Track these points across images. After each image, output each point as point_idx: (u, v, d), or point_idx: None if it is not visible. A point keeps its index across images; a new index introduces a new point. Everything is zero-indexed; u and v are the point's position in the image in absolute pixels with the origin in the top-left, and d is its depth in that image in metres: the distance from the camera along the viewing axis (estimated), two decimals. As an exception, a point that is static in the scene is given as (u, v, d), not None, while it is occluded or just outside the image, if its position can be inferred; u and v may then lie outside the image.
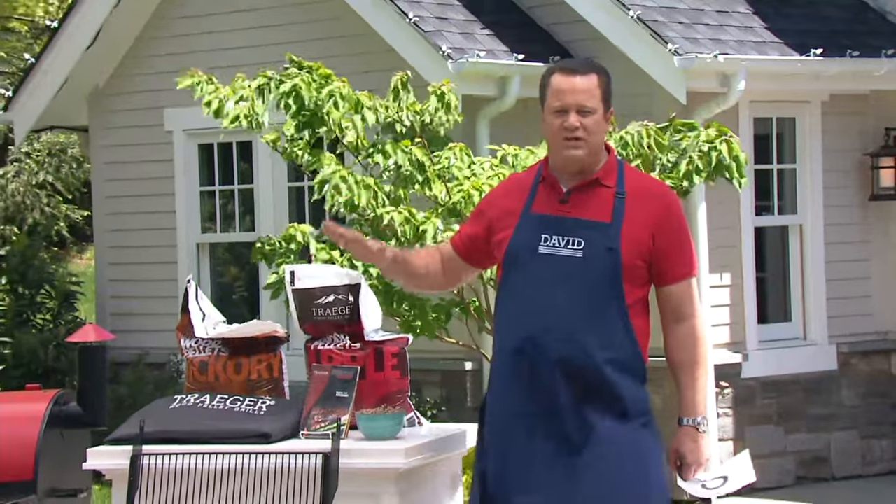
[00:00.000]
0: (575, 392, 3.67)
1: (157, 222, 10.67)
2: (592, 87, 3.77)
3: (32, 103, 11.05)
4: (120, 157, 10.95)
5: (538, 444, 3.69)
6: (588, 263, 3.70)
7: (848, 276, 9.82)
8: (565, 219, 3.75)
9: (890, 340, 9.94)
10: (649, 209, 3.76)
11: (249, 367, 4.22)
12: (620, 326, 3.70)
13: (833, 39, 9.52)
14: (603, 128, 3.80)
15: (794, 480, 9.44)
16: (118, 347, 9.83)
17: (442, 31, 9.03)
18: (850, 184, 9.88)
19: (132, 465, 3.95)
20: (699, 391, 3.77)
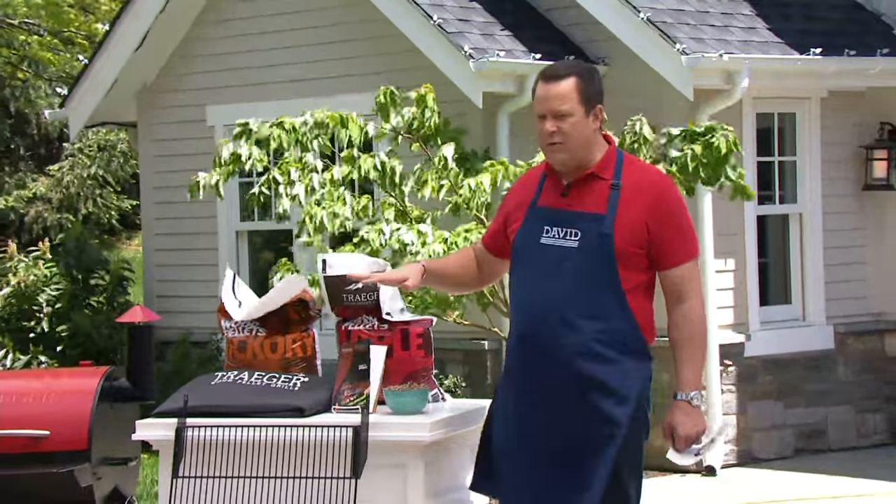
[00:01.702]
0: (572, 373, 3.66)
1: (199, 211, 10.68)
2: (567, 92, 3.72)
3: (86, 101, 11.10)
4: (166, 151, 10.98)
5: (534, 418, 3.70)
6: (583, 252, 3.68)
7: (844, 262, 9.80)
8: (565, 211, 3.73)
9: (883, 321, 9.91)
10: (644, 199, 3.72)
11: (285, 347, 4.22)
12: (617, 309, 3.68)
13: (831, 39, 9.49)
14: (585, 127, 3.74)
15: (793, 452, 9.42)
16: (164, 327, 9.86)
17: (464, 33, 9.01)
18: (846, 175, 9.85)
19: (177, 437, 3.96)
20: (694, 368, 3.73)
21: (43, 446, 4.36)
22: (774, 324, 9.51)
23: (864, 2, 10.17)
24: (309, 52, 9.77)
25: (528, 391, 3.71)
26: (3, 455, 4.35)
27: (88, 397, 4.45)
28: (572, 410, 3.67)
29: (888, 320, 9.90)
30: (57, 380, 5.06)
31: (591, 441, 3.66)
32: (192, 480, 3.93)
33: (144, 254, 11.48)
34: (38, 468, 4.31)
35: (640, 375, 3.72)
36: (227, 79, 10.36)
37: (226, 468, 3.92)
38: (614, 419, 3.65)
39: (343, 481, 3.83)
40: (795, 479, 8.68)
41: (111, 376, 4.64)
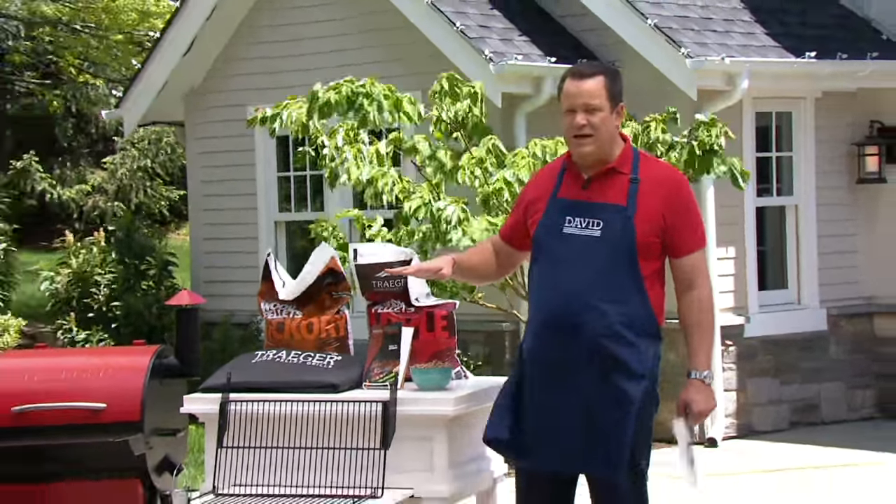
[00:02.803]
0: (596, 354, 3.66)
1: (241, 203, 10.73)
2: (598, 88, 3.72)
3: (139, 103, 11.15)
4: (211, 148, 11.01)
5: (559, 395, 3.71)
6: (605, 241, 3.68)
7: (837, 250, 9.78)
8: (586, 203, 3.72)
9: (873, 305, 9.88)
10: (661, 192, 3.72)
11: (320, 328, 4.22)
12: (636, 295, 3.68)
13: (824, 44, 9.45)
14: (611, 123, 3.75)
15: (788, 425, 9.41)
16: (209, 310, 9.90)
17: (485, 38, 9.00)
18: (839, 169, 9.81)
19: (221, 410, 3.98)
20: (706, 350, 3.75)
21: (100, 418, 4.37)
22: (772, 307, 9.48)
23: (856, 8, 10.12)
24: (342, 56, 9.76)
25: (554, 371, 3.70)
26: (65, 425, 4.37)
27: (141, 373, 4.46)
28: (596, 387, 3.67)
29: (877, 304, 9.86)
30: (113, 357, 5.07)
31: (612, 415, 3.66)
32: (234, 450, 3.94)
33: (192, 242, 11.52)
34: (96, 437, 4.33)
35: (653, 355, 3.73)
36: (266, 81, 10.37)
37: (265, 439, 3.94)
38: (632, 396, 3.66)
39: (373, 452, 3.83)
40: (791, 449, 8.67)
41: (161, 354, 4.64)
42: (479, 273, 4.05)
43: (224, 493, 3.91)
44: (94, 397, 4.41)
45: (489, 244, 4.04)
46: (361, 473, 3.82)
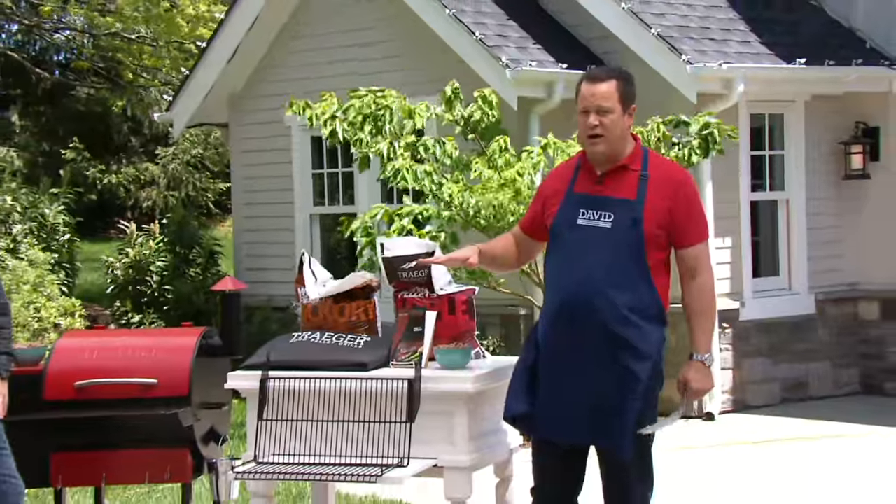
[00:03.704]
0: (606, 336, 3.65)
1: (279, 197, 10.75)
2: (610, 92, 3.69)
3: (187, 106, 11.18)
4: (252, 147, 11.03)
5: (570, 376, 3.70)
6: (616, 232, 3.65)
7: (824, 240, 9.72)
8: (599, 197, 3.70)
9: (857, 290, 9.82)
10: (667, 188, 3.69)
11: (351, 311, 4.21)
12: (642, 282, 3.66)
13: (814, 52, 9.39)
14: (622, 123, 3.71)
15: (779, 401, 9.36)
16: (250, 294, 9.93)
17: (501, 46, 8.97)
18: (827, 167, 9.75)
19: (261, 386, 3.97)
20: (707, 334, 3.74)
21: (153, 392, 4.38)
22: (765, 293, 9.44)
23: (842, 19, 10.05)
24: (370, 64, 9.76)
25: (566, 353, 3.69)
26: (121, 399, 4.38)
27: (189, 352, 4.47)
28: (605, 368, 3.65)
29: (861, 289, 9.80)
30: (164, 337, 5.09)
31: (619, 393, 3.64)
32: (273, 422, 3.94)
33: (235, 233, 11.55)
34: (149, 410, 4.34)
35: (658, 338, 3.71)
36: (301, 86, 10.37)
37: (302, 413, 3.93)
38: (638, 375, 3.64)
39: (399, 425, 3.82)
40: (782, 422, 8.64)
41: (207, 335, 4.65)
42: (502, 261, 4.03)
43: (264, 462, 3.92)
44: (147, 374, 4.43)
45: (510, 235, 4.03)
46: (389, 445, 3.81)
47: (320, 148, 10.59)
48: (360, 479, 3.76)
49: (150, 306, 11.07)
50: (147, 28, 15.64)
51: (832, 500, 6.29)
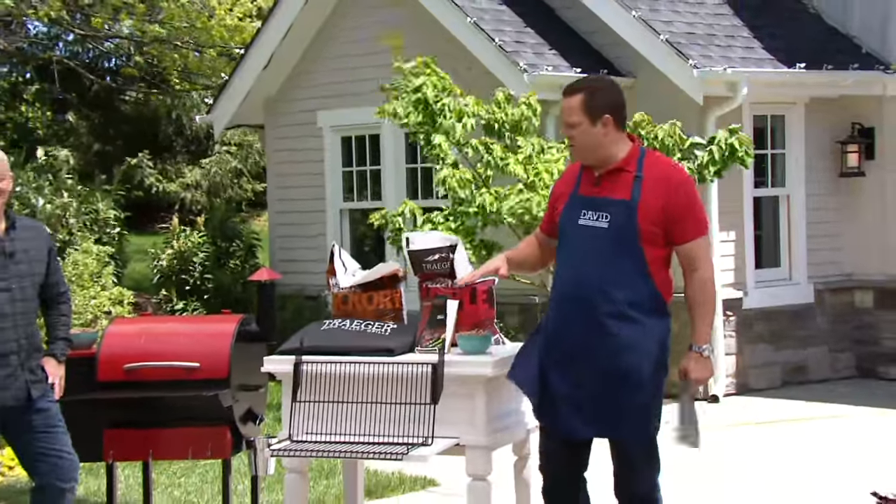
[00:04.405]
0: (607, 332, 3.60)
1: (311, 193, 10.76)
2: (574, 106, 3.66)
3: (226, 109, 11.20)
4: (286, 147, 11.04)
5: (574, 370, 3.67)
6: (612, 232, 3.60)
7: (823, 233, 9.67)
8: (597, 198, 3.66)
9: (853, 281, 9.75)
10: (662, 188, 3.62)
11: (378, 300, 4.20)
12: (640, 279, 3.60)
13: (813, 57, 9.32)
14: (592, 134, 3.65)
15: (780, 384, 9.31)
16: (284, 284, 9.95)
17: (520, 52, 8.94)
18: (825, 164, 9.69)
19: (295, 370, 3.97)
20: (706, 325, 3.67)
21: (195, 375, 4.39)
22: (766, 282, 9.39)
23: (840, 26, 9.98)
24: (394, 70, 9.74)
25: (570, 346, 3.65)
26: (166, 381, 4.40)
27: (228, 338, 4.48)
28: (609, 361, 3.60)
29: (857, 280, 9.74)
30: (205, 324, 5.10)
31: (624, 388, 3.60)
32: (306, 404, 3.94)
33: (270, 227, 11.57)
34: (191, 392, 4.35)
35: (660, 331, 3.66)
36: (332, 90, 10.39)
37: (333, 395, 3.92)
38: (640, 369, 3.59)
39: (424, 406, 3.81)
40: (782, 404, 8.59)
41: (245, 322, 4.65)
42: (529, 264, 4.00)
43: (298, 440, 3.91)
44: (190, 358, 4.44)
45: (534, 239, 4.00)
46: (414, 425, 3.80)
47: (349, 147, 10.60)
48: (388, 457, 3.76)
49: (192, 295, 11.12)
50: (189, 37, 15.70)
51: (831, 474, 6.26)
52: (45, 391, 4.08)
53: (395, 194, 9.94)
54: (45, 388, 4.08)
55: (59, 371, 4.15)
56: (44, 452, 4.05)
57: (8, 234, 4.02)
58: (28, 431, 4.05)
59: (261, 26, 11.29)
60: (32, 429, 4.05)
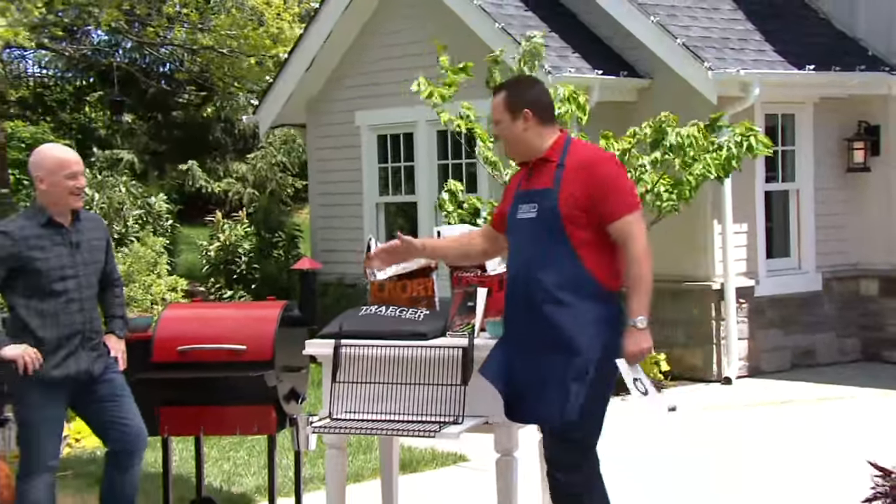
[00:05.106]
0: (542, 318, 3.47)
1: (349, 188, 10.78)
2: (496, 105, 3.59)
3: (271, 110, 11.24)
4: (326, 145, 11.06)
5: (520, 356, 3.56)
6: (539, 220, 3.50)
7: (830, 225, 9.55)
8: (529, 191, 3.57)
9: (859, 270, 9.64)
10: (582, 172, 3.48)
11: (412, 288, 4.20)
12: (568, 260, 3.43)
13: (822, 59, 9.20)
14: (511, 130, 3.57)
15: (790, 367, 9.21)
16: (325, 273, 9.98)
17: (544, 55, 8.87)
18: (833, 161, 9.58)
19: (335, 353, 3.97)
20: (639, 299, 3.40)
21: (242, 357, 4.40)
22: (777, 271, 9.30)
23: (847, 30, 9.86)
24: (428, 71, 9.70)
25: (516, 336, 3.55)
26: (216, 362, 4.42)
27: (272, 322, 4.48)
28: (546, 347, 3.46)
29: (863, 269, 9.62)
30: (251, 310, 5.12)
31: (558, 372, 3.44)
32: (345, 384, 3.95)
33: (311, 219, 11.60)
34: (239, 372, 4.37)
35: (595, 314, 3.43)
36: (370, 91, 10.39)
37: (369, 376, 3.93)
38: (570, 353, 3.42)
39: (455, 387, 3.80)
40: (791, 385, 8.51)
41: (288, 308, 4.66)
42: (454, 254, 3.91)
43: (337, 418, 3.92)
44: (237, 341, 4.45)
45: (480, 231, 3.91)
46: (445, 404, 3.79)
47: (385, 145, 10.59)
48: (421, 434, 3.75)
49: (239, 283, 11.19)
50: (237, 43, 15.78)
51: (838, 451, 6.19)
52: (109, 364, 4.13)
53: (427, 189, 9.93)
54: (107, 360, 4.13)
55: (119, 346, 4.20)
56: (112, 420, 4.09)
57: (73, 225, 4.06)
58: (96, 402, 4.09)
59: (303, 32, 11.31)
60: (100, 399, 4.09)
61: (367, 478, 5.69)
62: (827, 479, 5.57)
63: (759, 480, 5.61)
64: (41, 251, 3.95)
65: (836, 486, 5.39)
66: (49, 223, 4.00)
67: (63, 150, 4.09)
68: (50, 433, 3.99)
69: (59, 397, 4.00)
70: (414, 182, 10.28)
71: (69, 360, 3.99)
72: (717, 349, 8.80)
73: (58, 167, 3.99)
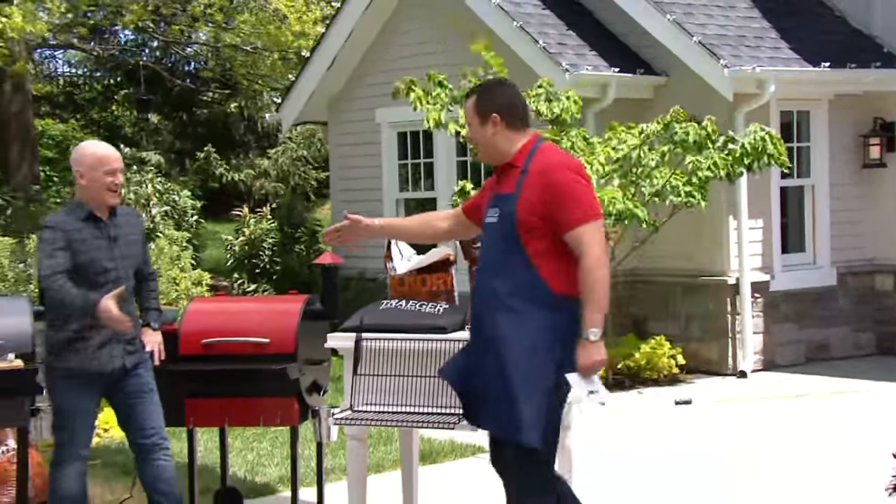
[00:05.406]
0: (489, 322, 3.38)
1: (370, 184, 10.78)
2: (468, 109, 3.53)
3: (293, 107, 11.26)
4: (347, 141, 11.07)
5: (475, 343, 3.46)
6: (500, 226, 3.42)
7: (845, 220, 9.47)
8: (495, 195, 3.49)
9: (874, 265, 9.56)
10: (541, 180, 3.37)
11: (432, 282, 4.20)
12: (522, 268, 3.32)
13: (838, 56, 9.13)
14: (482, 132, 3.47)
15: (804, 360, 9.15)
16: (346, 267, 9.98)
17: (562, 53, 8.86)
18: (847, 157, 9.50)
19: (356, 346, 3.98)
20: (592, 311, 3.27)
21: (265, 350, 4.41)
22: (792, 266, 9.24)
23: (862, 27, 9.77)
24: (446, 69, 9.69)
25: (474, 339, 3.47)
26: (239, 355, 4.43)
27: (295, 316, 4.49)
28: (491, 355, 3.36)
29: (878, 264, 9.54)
30: (274, 304, 5.13)
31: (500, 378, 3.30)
32: (366, 377, 3.95)
33: (332, 214, 11.62)
34: (262, 365, 4.38)
35: (544, 324, 3.30)
36: (390, 88, 10.34)
37: (390, 369, 3.93)
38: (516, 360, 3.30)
39: (474, 379, 3.79)
40: (806, 379, 8.46)
41: (310, 302, 4.66)
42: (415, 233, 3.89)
43: (359, 410, 3.93)
44: (261, 334, 4.46)
45: (442, 213, 3.86)
46: (465, 396, 3.79)
47: (405, 142, 10.60)
48: (441, 426, 3.76)
49: (262, 277, 11.21)
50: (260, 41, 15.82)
51: (854, 444, 6.15)
52: (142, 359, 4.14)
53: (446, 185, 9.93)
54: (141, 356, 4.13)
55: (156, 338, 4.20)
56: (132, 416, 4.12)
57: (111, 220, 4.08)
58: (122, 395, 4.11)
59: (324, 31, 11.32)
60: (126, 393, 4.11)
61: (388, 469, 5.70)
62: (843, 472, 5.54)
63: (774, 473, 5.58)
64: (82, 244, 3.99)
65: (852, 479, 5.36)
66: (89, 217, 4.02)
67: (104, 146, 4.11)
68: (83, 423, 4.02)
69: (93, 389, 4.03)
70: (433, 178, 10.28)
71: (104, 353, 4.01)
72: (732, 343, 8.76)
73: (97, 163, 4.01)
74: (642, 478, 5.53)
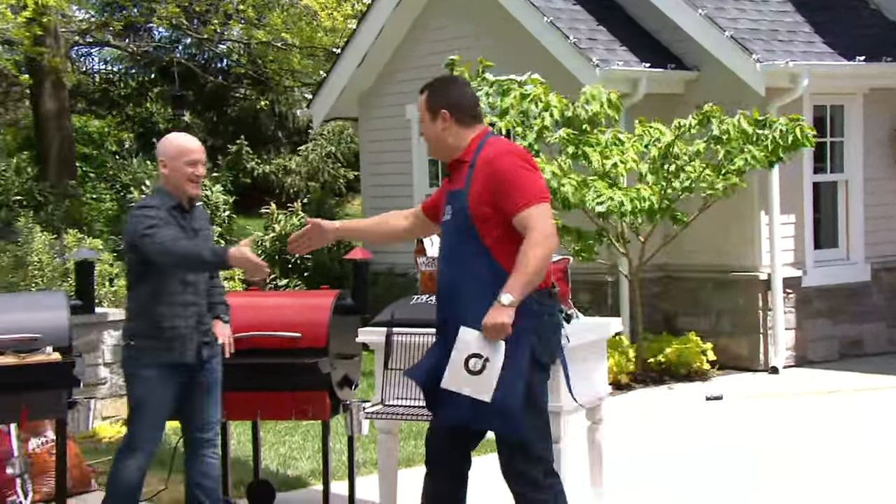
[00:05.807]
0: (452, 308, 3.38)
1: (400, 180, 10.80)
2: (419, 104, 3.53)
3: (324, 104, 11.31)
4: (377, 137, 11.10)
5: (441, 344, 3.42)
6: (453, 220, 3.41)
7: (879, 216, 9.35)
8: (448, 192, 3.50)
9: (909, 261, 9.48)
10: (486, 169, 3.36)
11: (462, 277, 4.19)
12: (479, 258, 3.32)
13: (872, 50, 9.02)
14: (431, 129, 3.48)
15: (838, 357, 9.06)
16: (376, 263, 10.02)
17: (592, 48, 8.82)
18: (882, 152, 9.39)
19: (387, 340, 4.00)
20: (516, 280, 3.22)
21: (297, 344, 4.44)
22: (825, 262, 9.15)
23: (897, 21, 9.64)
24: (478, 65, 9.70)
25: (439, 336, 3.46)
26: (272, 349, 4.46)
27: (326, 311, 4.51)
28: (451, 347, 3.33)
29: (913, 260, 9.46)
30: (305, 299, 5.15)
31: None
32: (397, 371, 3.97)
33: (363, 210, 11.66)
34: (294, 359, 4.41)
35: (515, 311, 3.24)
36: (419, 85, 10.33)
37: (421, 363, 3.94)
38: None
39: (504, 374, 3.78)
40: (839, 375, 8.37)
41: (341, 297, 4.68)
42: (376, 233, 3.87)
43: (389, 404, 3.95)
44: (293, 328, 4.49)
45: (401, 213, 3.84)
46: (495, 391, 3.78)
47: (436, 138, 10.59)
48: (471, 420, 3.74)
49: (293, 272, 11.28)
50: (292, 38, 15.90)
51: (886, 441, 6.08)
52: (215, 353, 4.14)
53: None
54: (215, 349, 4.13)
55: (226, 330, 4.21)
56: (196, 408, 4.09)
57: (191, 212, 4.09)
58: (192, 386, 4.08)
59: (355, 28, 11.35)
60: (197, 385, 4.09)
61: (418, 463, 5.71)
62: (875, 470, 5.48)
63: (806, 470, 5.54)
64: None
65: (884, 477, 5.30)
66: (175, 207, 4.03)
67: (186, 138, 4.14)
68: (157, 415, 3.99)
69: (171, 380, 4.00)
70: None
71: (184, 345, 4.01)
72: (763, 339, 8.69)
73: (179, 153, 4.04)
74: (673, 473, 5.51)
